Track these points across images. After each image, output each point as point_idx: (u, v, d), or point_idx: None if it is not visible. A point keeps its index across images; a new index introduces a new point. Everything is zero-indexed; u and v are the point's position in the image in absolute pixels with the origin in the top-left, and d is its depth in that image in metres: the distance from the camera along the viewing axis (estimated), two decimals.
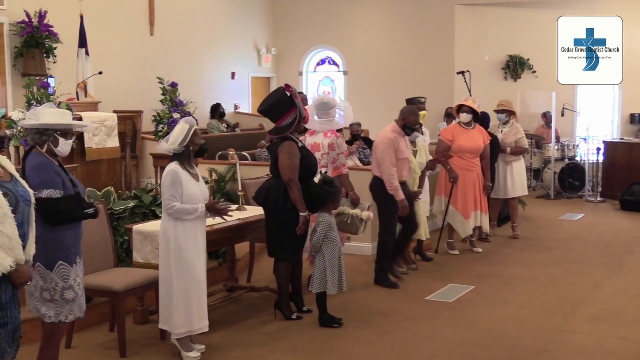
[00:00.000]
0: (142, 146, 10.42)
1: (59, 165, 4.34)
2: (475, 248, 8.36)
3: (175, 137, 4.86)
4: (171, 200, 4.79)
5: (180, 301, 4.85)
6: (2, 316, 3.51)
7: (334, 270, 5.61)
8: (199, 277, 4.94)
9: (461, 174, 7.99)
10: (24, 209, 3.60)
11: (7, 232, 3.43)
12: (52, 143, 4.31)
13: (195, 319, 4.93)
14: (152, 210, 6.56)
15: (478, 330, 5.62)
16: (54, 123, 4.29)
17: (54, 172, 4.23)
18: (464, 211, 8.05)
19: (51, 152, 4.32)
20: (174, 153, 4.89)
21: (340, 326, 5.65)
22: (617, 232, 9.52)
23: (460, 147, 8.05)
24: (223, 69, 14.83)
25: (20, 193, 3.61)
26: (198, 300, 4.94)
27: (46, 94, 6.96)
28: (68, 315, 4.29)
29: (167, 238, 4.86)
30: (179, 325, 4.88)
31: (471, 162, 8.06)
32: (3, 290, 3.50)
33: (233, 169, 8.01)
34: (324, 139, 6.59)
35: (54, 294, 4.22)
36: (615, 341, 5.37)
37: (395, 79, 14.94)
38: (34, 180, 4.11)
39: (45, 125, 4.27)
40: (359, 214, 6.13)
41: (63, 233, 4.25)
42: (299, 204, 5.63)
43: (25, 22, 10.22)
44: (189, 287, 4.87)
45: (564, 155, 12.74)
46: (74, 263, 4.30)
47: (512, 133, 9.05)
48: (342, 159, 6.64)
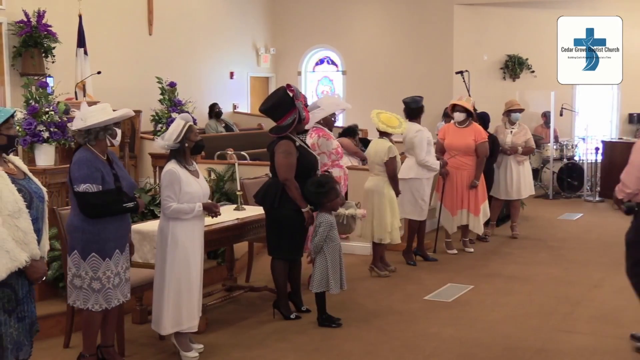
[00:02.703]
0: (140, 146, 10.41)
1: (107, 159, 4.54)
2: (467, 248, 8.35)
3: (171, 133, 4.88)
4: (168, 201, 4.80)
5: (170, 300, 4.85)
6: (20, 310, 3.66)
7: (336, 270, 5.61)
8: (192, 277, 4.93)
9: (451, 172, 8.04)
10: (38, 205, 3.74)
11: (22, 227, 3.55)
12: (111, 136, 4.54)
13: (184, 318, 4.91)
14: (151, 210, 6.56)
15: (477, 329, 5.62)
16: (100, 122, 4.46)
17: (94, 167, 4.41)
18: (451, 208, 8.10)
19: (101, 147, 4.52)
20: (170, 150, 4.90)
21: (339, 326, 5.64)
22: (616, 231, 9.46)
23: (449, 144, 8.13)
24: (222, 68, 14.82)
25: (34, 190, 3.76)
26: (189, 299, 4.93)
27: (45, 94, 6.95)
28: (94, 305, 4.48)
29: (163, 237, 4.87)
30: (167, 325, 4.88)
31: (461, 160, 8.06)
32: (20, 285, 3.64)
33: (232, 168, 8.01)
34: (309, 140, 6.60)
35: (82, 283, 4.46)
36: (614, 341, 5.37)
37: (394, 79, 14.94)
38: (74, 174, 4.38)
39: (94, 125, 4.44)
40: (354, 213, 6.13)
41: (102, 226, 4.44)
42: (298, 201, 5.64)
43: (24, 21, 10.20)
44: (181, 286, 4.87)
45: (563, 155, 12.74)
46: (110, 257, 4.48)
47: (522, 133, 9.12)
48: (323, 159, 6.62)
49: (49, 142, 6.79)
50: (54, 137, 6.78)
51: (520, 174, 9.08)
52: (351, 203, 6.25)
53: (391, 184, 7.01)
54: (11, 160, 3.80)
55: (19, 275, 3.58)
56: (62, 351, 5.10)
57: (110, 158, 4.60)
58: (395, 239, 7.14)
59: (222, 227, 5.66)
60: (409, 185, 7.57)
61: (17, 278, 3.59)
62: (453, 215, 8.12)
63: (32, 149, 6.84)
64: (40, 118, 6.75)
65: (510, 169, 9.07)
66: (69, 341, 5.17)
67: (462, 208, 8.11)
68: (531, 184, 9.35)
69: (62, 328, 5.26)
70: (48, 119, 6.78)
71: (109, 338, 4.82)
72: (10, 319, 3.61)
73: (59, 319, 5.32)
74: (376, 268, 7.22)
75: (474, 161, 8.08)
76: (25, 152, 6.86)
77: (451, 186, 8.08)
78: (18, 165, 3.82)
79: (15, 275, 3.53)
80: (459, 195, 8.08)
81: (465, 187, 8.07)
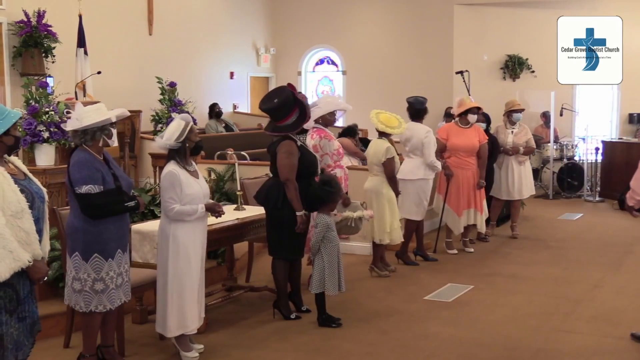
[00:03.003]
0: (140, 146, 10.40)
1: (103, 159, 4.52)
2: (467, 248, 8.35)
3: (171, 132, 4.84)
4: (170, 203, 4.78)
5: (174, 302, 4.84)
6: (20, 310, 3.68)
7: (333, 271, 5.60)
8: (195, 277, 4.93)
9: (456, 172, 8.03)
10: (39, 206, 3.77)
11: (25, 228, 3.59)
12: (107, 136, 4.52)
13: (189, 320, 4.92)
14: (151, 210, 6.56)
15: (477, 330, 5.62)
16: (96, 122, 4.44)
17: (94, 168, 4.40)
18: (456, 208, 8.08)
19: (97, 148, 4.50)
20: (169, 150, 4.87)
21: (339, 326, 5.64)
22: (615, 231, 9.52)
23: (454, 145, 8.09)
24: (222, 68, 14.81)
25: (35, 190, 3.79)
26: (192, 301, 4.93)
27: (45, 94, 6.95)
28: (98, 306, 4.47)
29: (165, 238, 4.86)
30: (172, 327, 4.87)
31: (466, 160, 8.07)
32: (21, 285, 3.67)
33: (232, 168, 8.01)
34: (310, 141, 6.58)
35: (84, 285, 4.42)
36: (614, 341, 5.37)
37: (394, 79, 14.94)
38: (75, 176, 4.35)
39: (90, 125, 4.42)
40: (362, 215, 6.14)
41: (104, 227, 4.43)
42: (295, 203, 5.63)
43: (24, 21, 10.20)
44: (184, 287, 4.86)
45: (563, 155, 12.74)
46: (112, 257, 4.47)
47: (523, 133, 9.14)
48: (326, 160, 6.62)
49: (49, 142, 6.79)
50: (54, 137, 6.79)
51: (521, 174, 9.10)
52: (357, 204, 6.26)
53: (390, 184, 7.01)
54: (11, 161, 3.82)
55: (20, 276, 3.60)
56: (62, 351, 5.10)
57: (106, 157, 4.59)
58: (394, 239, 7.13)
59: (222, 227, 5.65)
60: (416, 186, 7.57)
61: (18, 278, 3.61)
62: (459, 216, 8.11)
63: (32, 149, 6.84)
64: (40, 118, 6.76)
65: (511, 169, 9.09)
66: (69, 341, 5.17)
67: (469, 207, 8.12)
68: (532, 184, 9.37)
69: (62, 328, 5.26)
70: (48, 119, 6.78)
71: (109, 338, 4.82)
72: (11, 319, 3.63)
73: (59, 319, 5.32)
74: (376, 268, 7.21)
75: (476, 161, 8.11)
76: (26, 152, 6.86)
77: (456, 186, 8.06)
78: (18, 165, 3.85)
79: (17, 275, 3.55)
80: (465, 195, 8.08)
81: (472, 187, 8.07)
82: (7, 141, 3.73)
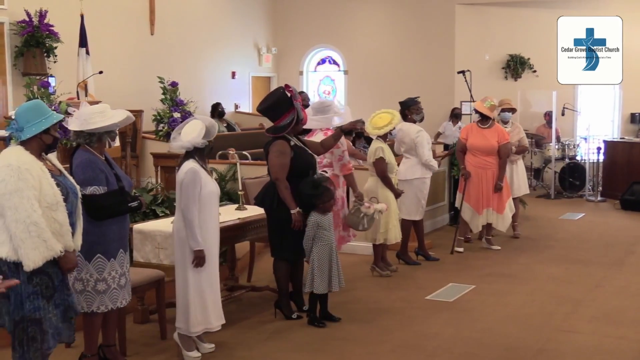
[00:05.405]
0: (142, 146, 10.41)
1: (105, 160, 4.55)
2: (493, 246, 8.42)
3: (198, 132, 4.84)
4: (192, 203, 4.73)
5: (196, 300, 4.86)
6: (56, 297, 3.89)
7: (323, 269, 5.57)
8: (213, 275, 4.96)
9: (475, 171, 8.14)
10: (72, 201, 3.96)
11: (59, 220, 3.80)
12: (111, 138, 4.58)
13: (211, 317, 4.96)
14: (153, 209, 6.56)
15: (478, 329, 5.62)
16: (105, 125, 4.47)
17: (98, 169, 4.44)
18: (476, 207, 8.18)
19: (99, 148, 4.53)
20: (194, 148, 4.86)
21: (324, 326, 5.63)
22: (617, 231, 9.52)
23: (472, 145, 8.22)
24: (223, 68, 14.82)
25: (69, 186, 3.99)
26: (214, 297, 4.97)
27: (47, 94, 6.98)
28: (100, 306, 4.50)
29: (181, 237, 4.85)
30: (195, 323, 4.89)
31: (484, 160, 8.15)
32: (55, 273, 3.86)
33: (233, 168, 8.01)
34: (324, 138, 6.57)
35: (86, 285, 4.46)
36: (615, 341, 5.37)
37: (395, 79, 14.93)
38: (79, 177, 4.38)
39: (99, 129, 4.46)
40: (378, 208, 6.33)
41: (107, 227, 4.46)
42: (287, 201, 5.63)
43: (26, 21, 10.22)
44: (204, 285, 4.89)
45: (565, 154, 12.73)
46: (114, 257, 4.51)
47: (516, 132, 9.12)
48: (347, 157, 6.66)
49: None
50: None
51: (514, 172, 9.05)
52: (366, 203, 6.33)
53: (384, 184, 7.03)
54: (48, 159, 4.01)
55: (54, 265, 3.80)
56: (63, 351, 5.09)
57: (107, 157, 4.61)
58: (389, 238, 7.10)
59: (223, 226, 5.64)
60: (414, 185, 7.58)
61: (52, 267, 3.81)
62: (479, 214, 8.20)
63: None
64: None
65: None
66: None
67: (488, 207, 8.19)
68: (525, 183, 9.33)
69: None
70: None
71: (111, 338, 4.82)
72: (48, 305, 3.84)
73: None
74: (377, 268, 7.22)
75: (497, 160, 8.16)
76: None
77: (476, 186, 8.15)
78: (54, 163, 4.04)
79: (50, 264, 3.77)
80: (484, 195, 8.16)
81: (491, 187, 8.14)
82: (46, 140, 3.91)
